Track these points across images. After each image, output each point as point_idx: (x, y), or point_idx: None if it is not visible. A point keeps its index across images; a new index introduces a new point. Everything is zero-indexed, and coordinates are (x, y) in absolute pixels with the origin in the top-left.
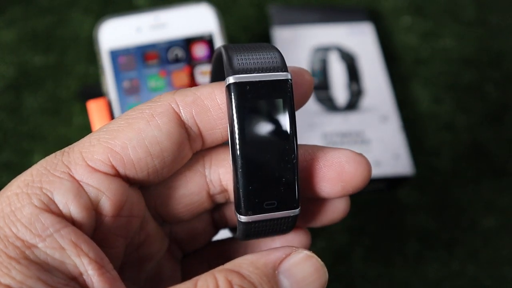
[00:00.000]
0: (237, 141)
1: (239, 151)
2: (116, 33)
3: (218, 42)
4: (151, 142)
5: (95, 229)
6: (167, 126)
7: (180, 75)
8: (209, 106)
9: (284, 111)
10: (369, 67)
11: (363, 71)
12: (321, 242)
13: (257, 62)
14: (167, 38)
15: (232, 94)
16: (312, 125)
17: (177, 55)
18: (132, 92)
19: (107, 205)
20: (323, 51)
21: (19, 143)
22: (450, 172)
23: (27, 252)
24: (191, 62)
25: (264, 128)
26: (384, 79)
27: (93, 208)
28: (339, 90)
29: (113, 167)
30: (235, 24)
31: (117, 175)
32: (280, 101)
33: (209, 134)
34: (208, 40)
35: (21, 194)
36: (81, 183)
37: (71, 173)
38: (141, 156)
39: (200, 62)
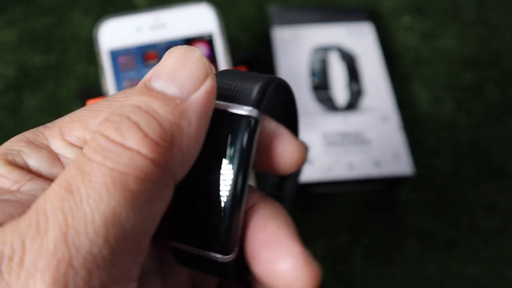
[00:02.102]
0: None
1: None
2: (116, 33)
3: (218, 42)
4: None
5: None
6: None
7: None
8: None
9: (235, 150)
10: (369, 67)
11: (363, 71)
12: (321, 242)
13: (229, 89)
14: (167, 38)
15: None
16: (312, 125)
17: None
18: None
19: None
20: (323, 51)
21: None
22: (450, 172)
23: (9, 195)
24: None
25: (211, 160)
26: (384, 79)
27: None
28: (339, 90)
29: None
30: (235, 24)
31: None
32: (234, 137)
33: None
34: (208, 40)
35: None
36: (58, 155)
37: (49, 146)
38: None
39: None
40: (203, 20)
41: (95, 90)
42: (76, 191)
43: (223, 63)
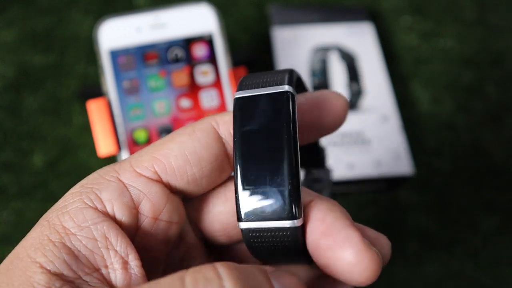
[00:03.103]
0: (236, 149)
1: (236, 158)
2: (116, 33)
3: (218, 42)
4: (190, 152)
5: (137, 228)
6: (206, 139)
7: (180, 75)
8: None
9: (281, 122)
10: (369, 67)
11: (363, 71)
12: None
13: (263, 81)
14: (167, 38)
15: (233, 108)
16: None
17: (177, 55)
18: (132, 92)
19: (147, 206)
20: (323, 51)
21: (19, 143)
22: (450, 172)
23: (65, 238)
24: (191, 62)
25: (262, 138)
26: (384, 79)
27: (135, 207)
28: (339, 90)
29: (156, 173)
30: (235, 24)
31: (159, 180)
32: (278, 113)
33: None
34: (208, 40)
35: (76, 193)
36: (126, 185)
37: (119, 178)
38: (181, 164)
39: (200, 62)
40: (203, 20)
41: (95, 90)
42: None
43: (223, 63)
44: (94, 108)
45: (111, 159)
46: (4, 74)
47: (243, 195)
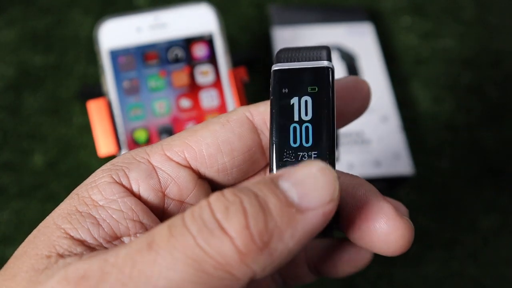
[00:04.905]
0: (273, 122)
1: (273, 132)
2: (116, 33)
3: (218, 42)
4: (223, 141)
5: (163, 210)
6: (239, 129)
7: (180, 75)
8: None
9: (320, 96)
10: (369, 67)
11: (363, 71)
12: None
13: (301, 55)
14: (167, 38)
15: (271, 79)
16: None
17: (177, 55)
18: (132, 92)
19: (174, 189)
20: None
21: (19, 143)
22: (450, 172)
23: (93, 209)
24: (191, 62)
25: (300, 111)
26: (384, 79)
27: (162, 190)
28: None
29: (185, 159)
30: (235, 24)
31: (188, 166)
32: (317, 87)
33: None
34: (208, 40)
35: (106, 169)
36: (155, 168)
37: (149, 160)
38: (212, 152)
39: (200, 62)
40: (203, 20)
41: (95, 90)
42: (155, 250)
43: (223, 63)
44: (94, 108)
45: (111, 159)
46: (4, 74)
47: (279, 168)
